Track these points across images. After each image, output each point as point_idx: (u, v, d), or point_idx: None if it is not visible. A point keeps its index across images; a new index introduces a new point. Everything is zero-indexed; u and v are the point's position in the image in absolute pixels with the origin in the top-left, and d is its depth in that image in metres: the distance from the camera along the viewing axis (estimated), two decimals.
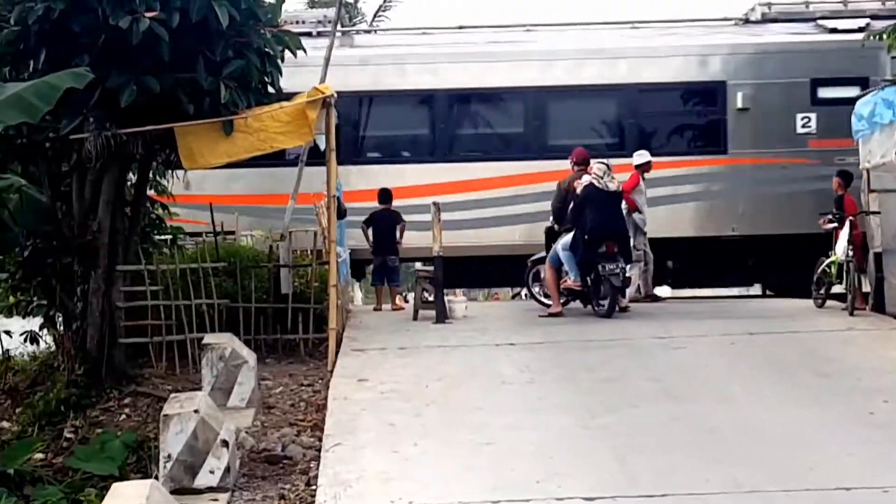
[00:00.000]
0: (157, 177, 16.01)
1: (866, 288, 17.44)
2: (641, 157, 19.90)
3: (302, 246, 17.30)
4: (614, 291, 17.25)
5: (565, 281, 17.70)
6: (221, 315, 15.23)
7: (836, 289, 17.69)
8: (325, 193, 15.15)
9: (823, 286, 17.99)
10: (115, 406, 13.45)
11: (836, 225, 17.75)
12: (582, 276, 17.47)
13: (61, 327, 14.86)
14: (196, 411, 9.59)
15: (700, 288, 23.52)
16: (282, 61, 14.08)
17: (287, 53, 14.11)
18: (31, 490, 11.38)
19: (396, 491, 8.98)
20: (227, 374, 12.49)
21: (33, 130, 13.03)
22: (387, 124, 22.09)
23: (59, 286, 14.40)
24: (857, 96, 18.36)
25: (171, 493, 8.91)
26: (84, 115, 12.73)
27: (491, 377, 12.98)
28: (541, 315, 17.83)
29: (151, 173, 15.34)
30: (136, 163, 14.46)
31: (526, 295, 20.71)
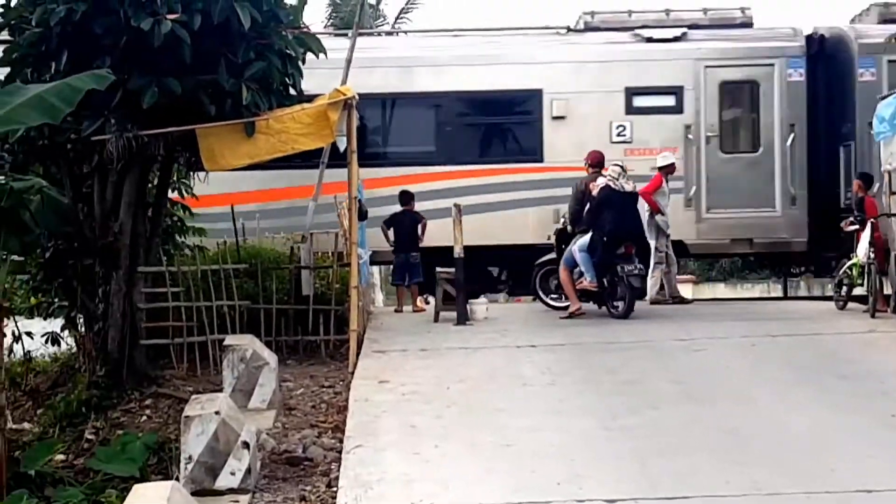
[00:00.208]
0: (179, 178, 16.05)
1: (888, 290, 17.34)
2: (665, 158, 19.85)
3: (323, 248, 17.33)
4: (633, 292, 17.30)
5: (581, 282, 17.70)
6: (242, 316, 15.25)
7: (858, 291, 17.68)
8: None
9: (845, 288, 17.98)
10: (136, 407, 13.48)
11: (857, 227, 17.71)
12: (598, 278, 17.50)
13: (82, 328, 14.90)
14: (217, 413, 9.60)
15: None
16: (303, 63, 14.12)
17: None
18: (52, 491, 11.42)
19: (417, 493, 8.97)
20: (249, 375, 12.51)
21: (55, 132, 13.06)
22: None
23: (80, 287, 14.44)
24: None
25: (192, 494, 8.92)
26: (106, 116, 12.76)
27: (512, 379, 12.96)
28: (562, 317, 17.81)
29: (173, 174, 15.38)
30: (157, 164, 14.51)
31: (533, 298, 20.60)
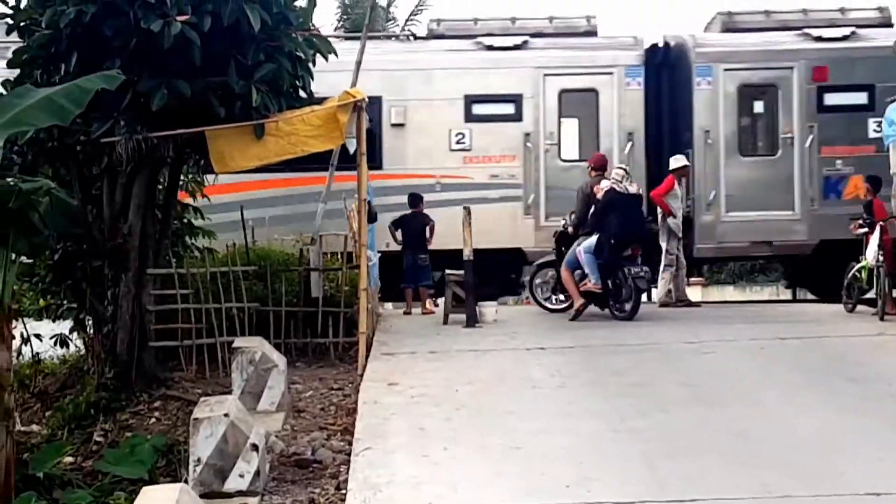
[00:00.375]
0: (188, 177, 16.07)
1: None
2: (678, 161, 19.88)
3: (332, 249, 17.35)
4: (639, 294, 17.49)
5: (585, 284, 17.81)
6: (251, 319, 15.23)
7: (867, 294, 17.65)
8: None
9: (854, 291, 17.95)
10: (144, 409, 13.46)
11: (866, 230, 17.69)
12: (602, 280, 17.59)
13: (91, 330, 14.93)
14: (226, 415, 9.59)
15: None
16: (313, 65, 14.11)
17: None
18: (61, 493, 11.40)
19: (426, 495, 8.96)
20: (258, 377, 12.50)
21: (64, 133, 13.06)
22: None
23: (89, 289, 14.46)
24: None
25: (201, 496, 8.92)
26: (115, 118, 12.76)
27: (521, 381, 12.93)
28: (571, 319, 17.85)
29: (183, 176, 15.39)
30: (166, 166, 14.51)
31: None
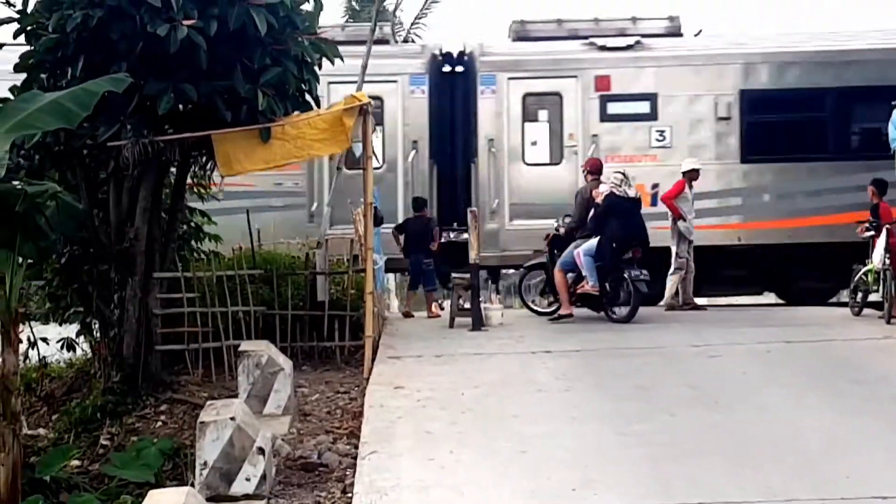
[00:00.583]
0: (196, 178, 16.09)
1: None
2: (689, 164, 19.83)
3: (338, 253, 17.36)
4: (639, 297, 17.55)
5: (583, 286, 17.93)
6: (258, 322, 15.22)
7: (873, 297, 17.62)
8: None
9: (860, 294, 17.93)
10: (151, 413, 13.46)
11: (872, 233, 17.68)
12: (600, 282, 17.70)
13: (98, 334, 14.90)
14: (232, 418, 9.59)
15: None
16: (319, 69, 14.12)
17: None
18: (68, 497, 11.42)
19: (432, 499, 8.98)
20: (264, 381, 12.49)
21: (71, 137, 13.06)
22: None
23: (95, 293, 14.45)
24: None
25: (207, 500, 8.95)
26: (121, 122, 12.74)
27: (527, 385, 12.95)
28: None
29: (190, 178, 15.40)
30: (173, 169, 14.52)
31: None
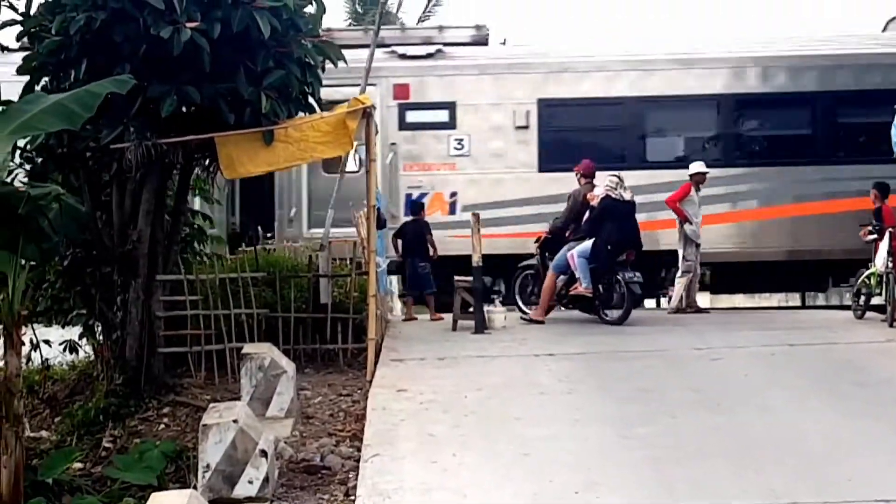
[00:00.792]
0: (199, 184, 16.10)
1: None
2: (695, 167, 19.84)
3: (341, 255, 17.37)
4: (633, 299, 17.79)
5: (576, 288, 18.11)
6: (260, 325, 15.24)
7: (876, 300, 17.62)
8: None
9: (863, 297, 17.92)
10: (153, 415, 13.45)
11: (875, 237, 17.67)
12: (593, 284, 17.88)
13: (100, 337, 14.88)
14: (235, 421, 9.58)
15: None
16: (322, 71, 14.12)
17: None
18: (70, 499, 11.38)
19: (435, 501, 8.97)
20: (266, 383, 12.49)
21: (74, 139, 13.07)
22: None
23: (98, 295, 14.44)
24: None
25: (210, 503, 8.94)
26: (125, 124, 12.74)
27: (530, 387, 12.94)
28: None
29: (193, 181, 15.40)
30: (176, 172, 14.52)
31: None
